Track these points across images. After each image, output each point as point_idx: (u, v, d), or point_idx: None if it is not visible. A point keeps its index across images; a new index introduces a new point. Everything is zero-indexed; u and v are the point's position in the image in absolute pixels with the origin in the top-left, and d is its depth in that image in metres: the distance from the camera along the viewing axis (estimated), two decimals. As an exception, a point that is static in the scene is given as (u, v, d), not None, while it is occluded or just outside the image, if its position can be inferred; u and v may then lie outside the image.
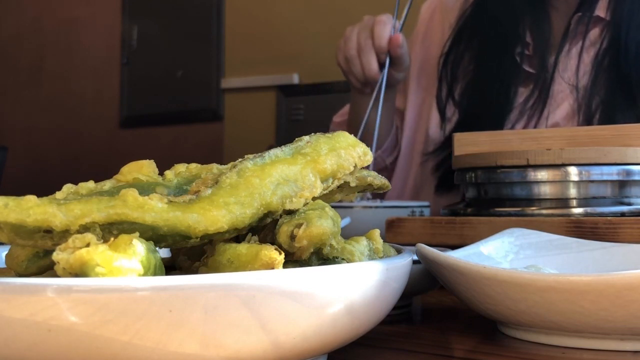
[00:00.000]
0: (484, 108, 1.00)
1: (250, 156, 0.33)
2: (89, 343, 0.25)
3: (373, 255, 0.35)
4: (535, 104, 0.96)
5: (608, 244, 0.52)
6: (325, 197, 0.37)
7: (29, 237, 0.28)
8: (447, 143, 1.02)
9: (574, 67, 0.95)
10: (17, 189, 0.38)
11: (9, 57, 3.64)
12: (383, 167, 1.14)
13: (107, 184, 0.35)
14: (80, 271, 0.25)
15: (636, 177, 0.62)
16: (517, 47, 0.99)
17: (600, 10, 0.95)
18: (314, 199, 0.34)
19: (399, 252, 0.39)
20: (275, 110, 2.88)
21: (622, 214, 0.60)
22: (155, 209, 0.29)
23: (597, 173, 0.61)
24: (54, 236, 0.28)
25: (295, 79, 2.81)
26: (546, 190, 0.62)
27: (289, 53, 2.80)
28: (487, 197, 0.66)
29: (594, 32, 0.96)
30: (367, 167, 0.39)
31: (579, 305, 0.36)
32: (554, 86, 0.96)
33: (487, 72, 1.02)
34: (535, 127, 0.95)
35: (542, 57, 0.98)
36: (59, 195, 0.33)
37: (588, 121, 0.92)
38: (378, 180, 0.40)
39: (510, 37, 1.00)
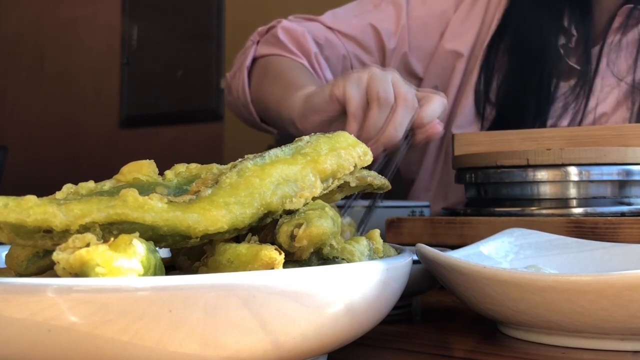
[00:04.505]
0: (523, 102, 0.96)
1: (250, 156, 0.33)
2: (89, 343, 0.25)
3: (373, 255, 0.35)
4: (579, 98, 0.93)
5: (608, 244, 0.52)
6: (325, 197, 0.37)
7: (29, 237, 0.28)
8: None
9: (621, 60, 0.93)
10: (17, 189, 0.38)
11: (9, 57, 3.64)
12: None
13: (107, 184, 0.35)
14: (80, 271, 0.25)
15: (636, 177, 0.62)
16: (560, 38, 0.95)
17: None
18: (314, 199, 0.34)
19: (399, 252, 0.39)
20: (275, 110, 2.88)
21: (622, 214, 0.60)
22: (155, 209, 0.29)
23: (597, 173, 0.61)
24: (54, 236, 0.28)
25: (295, 78, 2.80)
26: (546, 190, 0.62)
27: (288, 53, 2.79)
28: (487, 197, 0.66)
29: None
30: (369, 167, 0.39)
31: (579, 305, 0.36)
32: (598, 80, 0.94)
33: (529, 65, 0.97)
34: (580, 122, 0.93)
35: (586, 49, 0.95)
36: (59, 195, 0.33)
37: (637, 114, 0.90)
38: (378, 180, 0.40)
39: (554, 29, 0.96)
